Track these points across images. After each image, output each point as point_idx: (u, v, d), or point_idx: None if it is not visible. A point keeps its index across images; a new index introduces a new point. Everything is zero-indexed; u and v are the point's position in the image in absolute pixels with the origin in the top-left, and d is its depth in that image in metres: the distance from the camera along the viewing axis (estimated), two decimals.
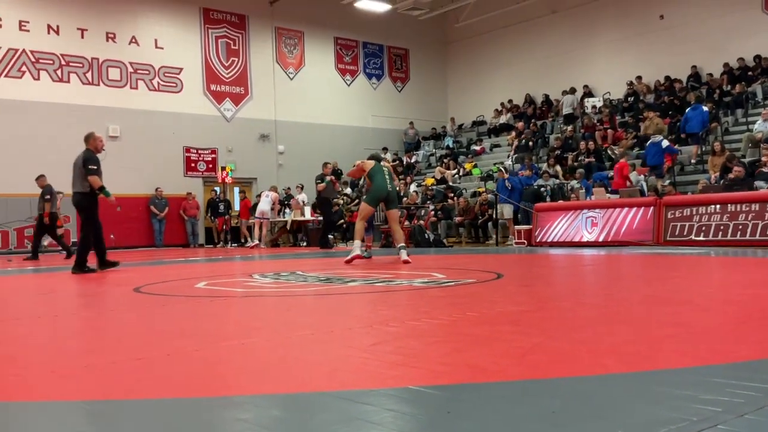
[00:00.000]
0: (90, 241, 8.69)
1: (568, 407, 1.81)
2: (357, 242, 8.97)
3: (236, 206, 20.44)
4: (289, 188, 20.09)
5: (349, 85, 23.71)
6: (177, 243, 19.30)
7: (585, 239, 11.93)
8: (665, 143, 14.09)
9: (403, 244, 9.07)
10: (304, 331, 3.20)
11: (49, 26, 18.00)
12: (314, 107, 22.51)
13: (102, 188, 8.64)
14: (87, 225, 8.67)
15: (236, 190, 21.35)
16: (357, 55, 23.95)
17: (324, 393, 2.04)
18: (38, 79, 17.78)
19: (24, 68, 17.59)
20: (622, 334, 2.98)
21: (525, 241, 13.00)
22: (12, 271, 9.64)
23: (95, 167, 8.62)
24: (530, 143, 19.35)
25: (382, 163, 9.44)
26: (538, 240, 12.62)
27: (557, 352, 2.57)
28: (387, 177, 9.24)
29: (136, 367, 2.50)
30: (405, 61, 25.15)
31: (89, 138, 8.90)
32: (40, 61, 17.82)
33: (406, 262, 8.52)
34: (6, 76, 17.33)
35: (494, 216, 14.62)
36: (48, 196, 13.40)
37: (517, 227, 13.70)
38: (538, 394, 1.97)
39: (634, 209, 11.45)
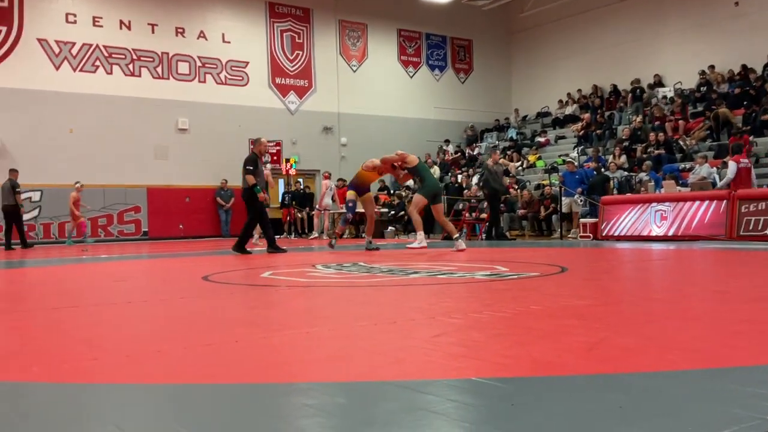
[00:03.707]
0: (251, 228, 10.41)
1: (636, 403, 1.78)
2: (421, 234, 9.18)
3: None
4: (344, 180, 20.15)
5: (411, 77, 23.68)
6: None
7: (654, 233, 11.63)
8: None
9: (457, 235, 9.74)
10: (367, 322, 3.23)
11: (121, 21, 18.60)
12: (377, 99, 22.58)
13: (254, 186, 10.02)
14: (251, 215, 10.23)
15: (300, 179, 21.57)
16: (420, 47, 23.89)
17: (387, 382, 2.06)
18: (111, 73, 18.39)
19: (97, 63, 18.23)
20: (692, 330, 2.90)
21: (590, 235, 12.76)
22: (87, 259, 10.03)
23: (251, 168, 10.10)
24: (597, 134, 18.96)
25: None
26: (604, 234, 12.37)
27: (624, 348, 2.52)
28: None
29: (206, 353, 2.58)
30: (468, 52, 24.95)
31: (255, 142, 10.59)
32: (113, 55, 18.43)
33: (460, 250, 9.21)
34: (81, 70, 17.99)
35: (559, 209, 14.39)
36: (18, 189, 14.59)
37: (582, 220, 13.45)
38: (604, 389, 1.94)
39: (706, 203, 11.08)
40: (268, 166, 16.28)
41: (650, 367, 2.22)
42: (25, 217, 15.97)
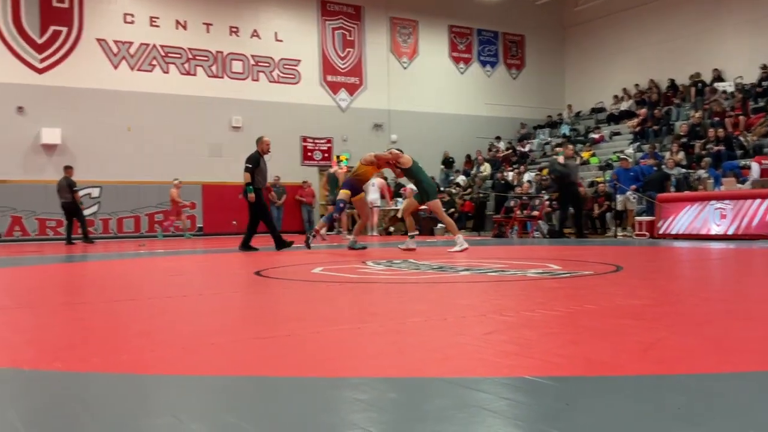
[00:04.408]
0: (271, 224, 10.34)
1: (695, 405, 1.73)
2: (460, 236, 8.95)
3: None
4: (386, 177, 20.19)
5: (462, 73, 23.54)
6: (294, 230, 19.91)
7: (713, 232, 11.31)
8: None
9: (413, 234, 9.49)
10: (418, 318, 3.23)
11: (177, 21, 18.99)
12: (427, 96, 22.52)
13: (248, 184, 9.98)
14: (261, 212, 10.22)
15: None
16: (471, 43, 23.73)
17: (438, 379, 2.05)
18: (167, 72, 18.80)
19: (154, 62, 18.66)
20: (753, 330, 2.81)
21: (647, 233, 12.48)
22: (143, 254, 10.28)
23: (250, 165, 10.10)
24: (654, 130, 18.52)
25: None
26: (660, 232, 12.09)
27: (682, 348, 2.46)
28: None
29: (259, 346, 2.62)
30: (521, 48, 24.66)
31: (258, 141, 10.52)
32: (169, 55, 18.84)
33: (409, 249, 8.96)
34: (138, 69, 18.44)
35: (613, 207, 14.12)
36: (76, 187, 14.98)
37: (638, 218, 13.17)
38: (662, 391, 1.89)
39: None
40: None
41: (710, 368, 2.16)
42: (85, 213, 16.46)
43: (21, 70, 17.14)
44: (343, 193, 9.93)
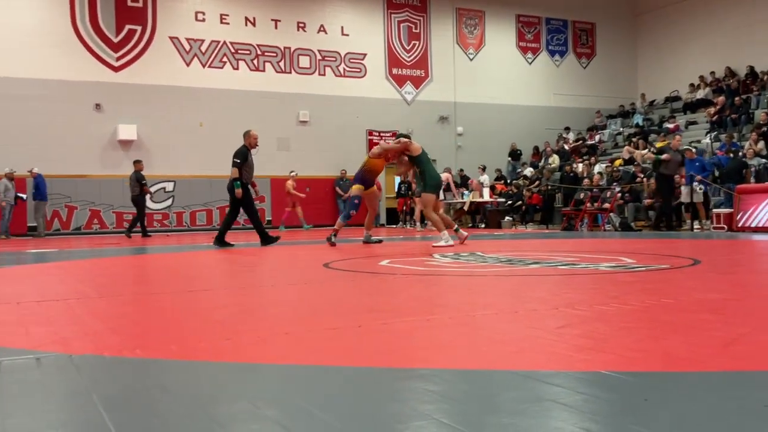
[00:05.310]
0: (231, 221, 9.92)
1: None
2: (445, 232, 8.73)
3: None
4: (462, 170, 20.21)
5: (530, 64, 23.18)
6: (360, 222, 20.03)
7: None
8: None
9: (456, 227, 9.31)
10: (488, 311, 3.20)
11: (246, 18, 19.35)
12: (494, 87, 22.28)
13: (235, 179, 9.61)
14: (243, 208, 9.90)
15: None
16: (539, 32, 23.32)
17: (511, 371, 2.03)
18: (237, 68, 19.20)
19: (225, 59, 19.08)
20: None
21: (725, 226, 12.03)
22: (215, 246, 10.52)
23: (239, 161, 9.67)
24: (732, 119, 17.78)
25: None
26: (740, 225, 11.63)
27: (766, 344, 2.36)
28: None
29: (331, 336, 2.65)
30: (591, 36, 24.09)
31: (245, 135, 10.07)
32: (239, 51, 19.23)
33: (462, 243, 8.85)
34: (210, 66, 18.89)
35: (690, 199, 13.65)
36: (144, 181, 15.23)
37: (716, 211, 12.70)
38: (745, 387, 1.82)
39: None
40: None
41: None
42: (159, 206, 16.99)
43: (98, 68, 17.80)
44: (356, 188, 9.68)
